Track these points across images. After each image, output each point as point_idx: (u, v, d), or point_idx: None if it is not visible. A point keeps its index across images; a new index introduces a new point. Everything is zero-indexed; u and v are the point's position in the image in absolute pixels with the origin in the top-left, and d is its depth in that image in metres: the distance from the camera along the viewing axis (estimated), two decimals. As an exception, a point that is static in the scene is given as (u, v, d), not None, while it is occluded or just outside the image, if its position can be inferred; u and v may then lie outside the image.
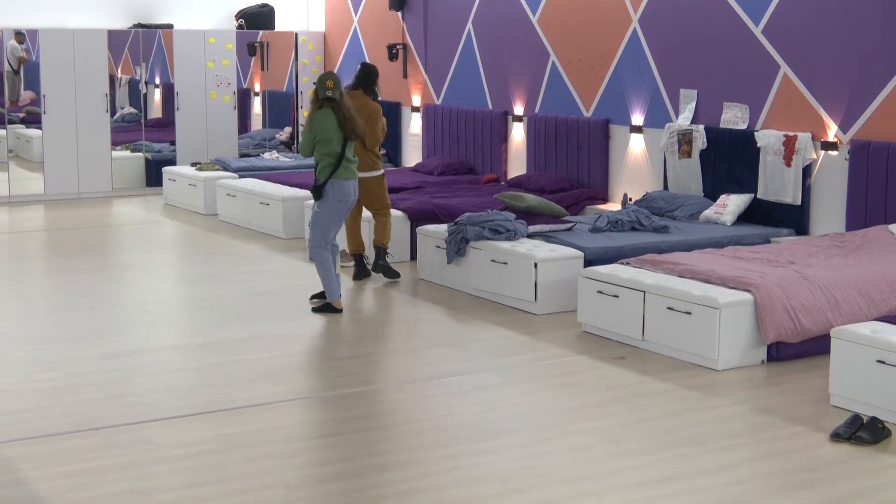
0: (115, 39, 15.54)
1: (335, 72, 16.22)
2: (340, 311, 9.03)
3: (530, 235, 9.66)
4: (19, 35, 15.24)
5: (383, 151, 14.28)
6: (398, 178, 13.25)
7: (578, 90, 12.19)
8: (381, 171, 10.17)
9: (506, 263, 9.22)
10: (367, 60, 15.69)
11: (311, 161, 14.88)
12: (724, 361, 7.48)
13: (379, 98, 10.23)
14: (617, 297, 8.10)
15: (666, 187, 11.06)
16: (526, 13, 12.77)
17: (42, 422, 6.42)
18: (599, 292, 8.23)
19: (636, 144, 11.52)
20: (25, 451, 5.96)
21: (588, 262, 9.05)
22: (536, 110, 12.74)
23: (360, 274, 10.23)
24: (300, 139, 9.56)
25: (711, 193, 10.61)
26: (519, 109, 12.98)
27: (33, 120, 15.22)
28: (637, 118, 11.48)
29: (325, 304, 9.06)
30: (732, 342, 7.48)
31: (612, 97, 11.76)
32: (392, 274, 10.08)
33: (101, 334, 8.44)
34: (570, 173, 12.13)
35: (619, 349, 7.99)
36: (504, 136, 13.20)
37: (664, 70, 11.17)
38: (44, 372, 7.44)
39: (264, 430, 6.40)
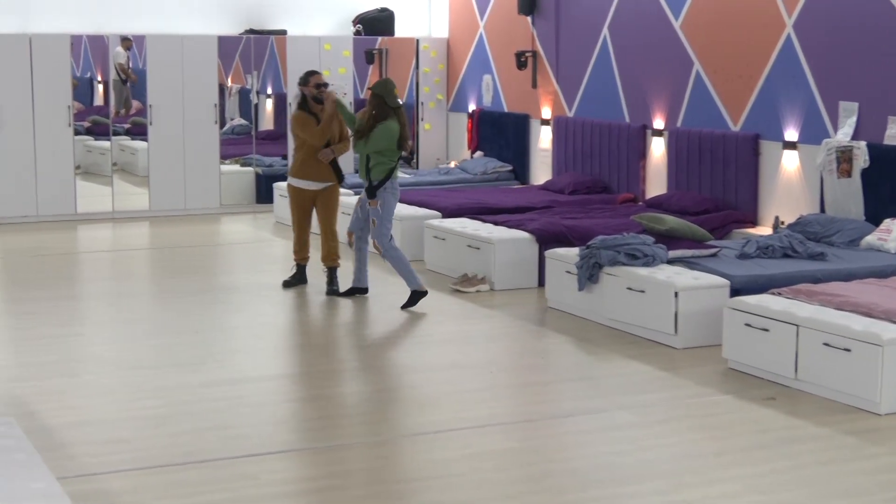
0: (226, 46, 15.84)
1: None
2: (426, 292, 10.09)
3: (670, 261, 9.57)
4: (126, 41, 15.63)
5: None
6: (526, 197, 13.24)
7: (725, 102, 12.05)
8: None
9: (643, 291, 9.14)
10: (494, 69, 15.74)
11: (432, 178, 15.08)
12: (888, 405, 7.29)
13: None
14: (767, 330, 7.97)
15: (823, 210, 10.86)
16: (668, 17, 12.68)
17: (142, 453, 6.55)
18: (747, 325, 8.10)
19: (789, 162, 11.33)
20: (125, 484, 6.07)
21: (735, 292, 8.92)
22: (678, 124, 12.63)
23: (298, 281, 11.00)
24: (373, 141, 10.03)
25: (874, 217, 10.37)
26: (659, 123, 12.88)
27: (139, 132, 15.57)
28: (791, 133, 11.30)
29: (412, 296, 10.03)
30: (897, 383, 7.31)
31: (763, 110, 11.59)
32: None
33: (206, 361, 8.58)
34: (716, 193, 11.98)
35: (768, 389, 7.84)
36: (642, 152, 13.11)
37: (822, 80, 10.97)
38: (145, 399, 7.59)
39: (378, 467, 6.42)
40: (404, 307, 10.00)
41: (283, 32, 16.27)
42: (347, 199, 12.38)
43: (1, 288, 11.33)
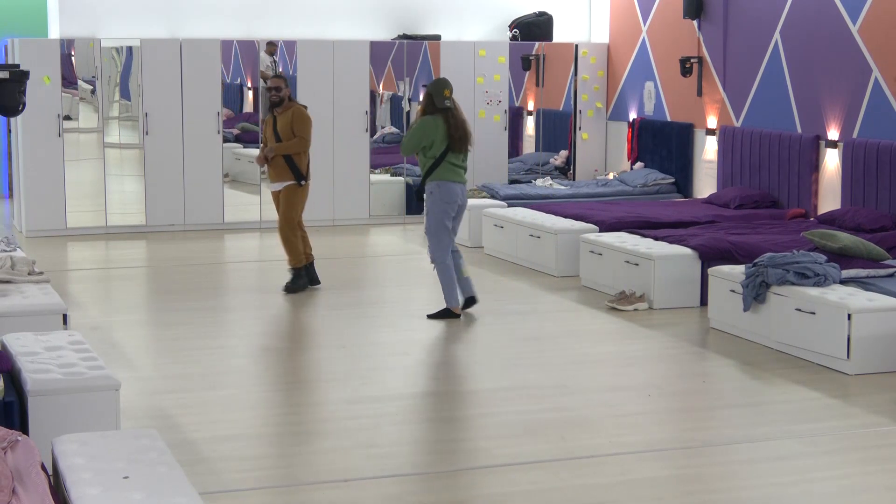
0: (378, 51, 16.02)
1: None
2: (459, 316, 10.29)
3: (843, 281, 9.39)
4: (271, 45, 15.88)
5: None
6: (688, 211, 13.12)
7: (906, 112, 11.80)
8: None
9: (813, 313, 8.98)
10: (657, 75, 15.64)
11: (589, 190, 15.05)
12: None
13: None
14: (948, 357, 7.77)
15: None
16: (845, 22, 12.45)
17: (285, 470, 6.66)
18: (926, 351, 7.92)
19: (976, 177, 11.05)
20: (267, 501, 6.18)
21: (913, 315, 8.73)
22: (854, 135, 12.38)
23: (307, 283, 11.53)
24: (405, 139, 10.47)
25: None
26: (833, 134, 12.65)
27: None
28: (978, 145, 11.01)
29: (442, 311, 10.32)
30: None
31: (948, 120, 11.33)
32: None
33: (350, 377, 8.68)
34: (894, 210, 11.72)
35: (949, 420, 7.64)
36: (814, 165, 12.89)
37: None
38: (287, 416, 7.72)
39: (529, 492, 6.41)
40: (430, 316, 10.32)
41: (437, 38, 16.39)
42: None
43: (147, 298, 11.64)
